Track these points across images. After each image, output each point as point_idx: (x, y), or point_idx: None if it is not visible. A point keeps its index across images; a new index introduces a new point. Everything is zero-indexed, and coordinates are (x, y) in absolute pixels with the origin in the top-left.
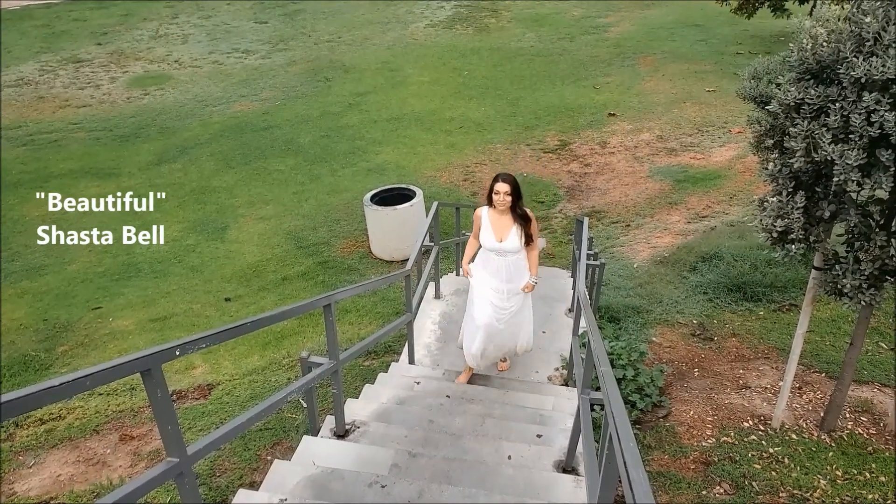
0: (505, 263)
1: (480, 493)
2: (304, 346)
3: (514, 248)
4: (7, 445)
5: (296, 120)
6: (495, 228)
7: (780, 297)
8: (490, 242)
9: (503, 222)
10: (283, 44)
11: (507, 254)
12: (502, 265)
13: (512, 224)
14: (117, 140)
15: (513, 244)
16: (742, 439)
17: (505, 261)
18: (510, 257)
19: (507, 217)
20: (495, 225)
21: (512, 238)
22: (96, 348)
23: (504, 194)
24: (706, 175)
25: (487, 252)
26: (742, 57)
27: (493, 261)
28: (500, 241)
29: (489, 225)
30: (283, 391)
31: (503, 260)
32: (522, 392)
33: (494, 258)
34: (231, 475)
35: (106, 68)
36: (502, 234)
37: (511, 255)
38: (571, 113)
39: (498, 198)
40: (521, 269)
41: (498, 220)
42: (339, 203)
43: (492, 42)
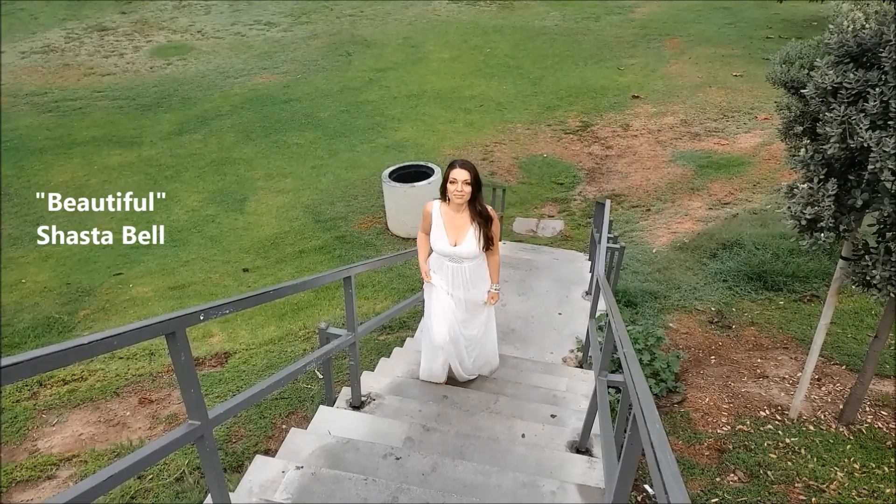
0: (460, 271)
1: (493, 470)
2: (319, 318)
3: (471, 254)
4: (31, 403)
5: (316, 94)
6: (449, 229)
7: (802, 287)
8: (442, 246)
9: (458, 221)
10: (305, 17)
11: (464, 260)
12: (458, 273)
13: (469, 224)
14: (140, 109)
15: (469, 249)
16: (758, 428)
17: (461, 268)
18: (467, 264)
19: (463, 215)
20: (449, 224)
21: (468, 242)
22: (116, 313)
23: (462, 183)
24: (730, 161)
25: (440, 258)
26: (772, 41)
27: (447, 267)
28: (455, 245)
29: (441, 224)
30: (302, 360)
31: (458, 267)
32: (536, 373)
33: (448, 264)
34: (247, 442)
35: (130, 37)
36: (457, 236)
37: (468, 262)
38: (594, 94)
39: (455, 188)
40: (481, 277)
41: (453, 219)
42: (356, 179)
43: (515, 20)
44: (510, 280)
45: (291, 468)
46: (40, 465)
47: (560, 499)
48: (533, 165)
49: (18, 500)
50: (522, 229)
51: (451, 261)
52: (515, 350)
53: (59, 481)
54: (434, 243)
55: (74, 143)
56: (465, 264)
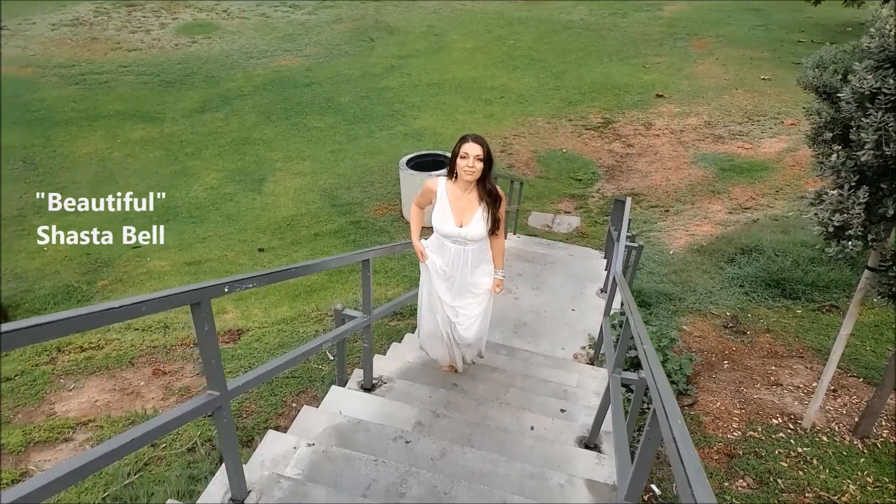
0: (463, 253)
1: (502, 460)
2: (331, 301)
3: (477, 236)
4: (49, 368)
5: (337, 79)
6: (455, 208)
7: (821, 296)
8: (447, 226)
9: (466, 201)
10: (329, 1)
11: (469, 242)
12: (461, 256)
13: (477, 204)
14: (163, 85)
15: (477, 230)
16: (769, 436)
17: (464, 250)
18: (471, 246)
19: (471, 195)
20: (455, 204)
21: (476, 223)
22: (133, 285)
23: (475, 159)
24: (753, 166)
25: (442, 239)
26: (803, 45)
27: (449, 250)
28: (461, 226)
29: (447, 203)
30: (318, 339)
31: (462, 250)
32: (547, 367)
33: (451, 247)
34: (257, 417)
35: (157, 13)
36: (464, 216)
37: (473, 244)
38: (617, 91)
39: (466, 163)
40: (485, 262)
41: (460, 199)
42: (374, 165)
43: (540, 13)
44: (524, 273)
45: (303, 445)
46: (58, 428)
47: (568, 492)
48: (552, 160)
49: (37, 460)
50: (538, 224)
51: (455, 243)
52: (527, 344)
53: (75, 444)
54: (437, 223)
55: (99, 116)
56: (469, 247)
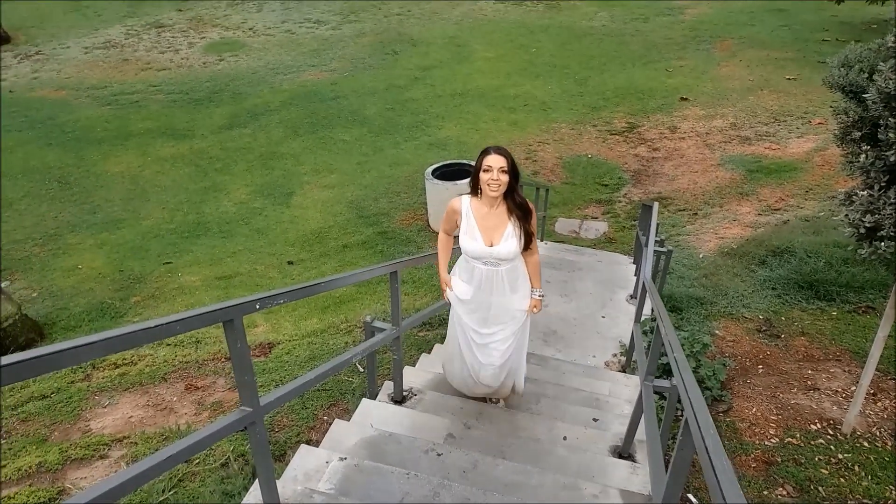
0: (497, 276)
1: (534, 471)
2: (360, 312)
3: (510, 255)
4: (84, 385)
5: (362, 91)
6: (483, 227)
7: (857, 297)
8: (476, 247)
9: (495, 218)
10: (353, 15)
11: (502, 262)
12: (494, 278)
13: (507, 220)
14: (192, 103)
15: (509, 249)
16: (808, 442)
17: (497, 272)
18: (504, 266)
19: (498, 210)
20: (483, 222)
21: (508, 240)
22: (165, 301)
23: (499, 171)
24: (781, 166)
25: (471, 261)
26: (828, 45)
27: (480, 272)
28: (492, 246)
29: (474, 222)
30: (349, 352)
31: (494, 271)
32: (578, 375)
33: (482, 268)
34: (289, 431)
35: (185, 33)
36: (494, 234)
37: (506, 264)
38: (641, 95)
39: (489, 177)
40: (520, 280)
41: (487, 216)
42: (400, 175)
43: (562, 20)
44: (552, 281)
45: (335, 459)
46: (93, 445)
47: (602, 503)
48: (577, 166)
49: (73, 477)
50: (565, 230)
51: (486, 264)
52: (557, 352)
53: (110, 461)
54: (465, 245)
55: (130, 135)
56: (502, 267)
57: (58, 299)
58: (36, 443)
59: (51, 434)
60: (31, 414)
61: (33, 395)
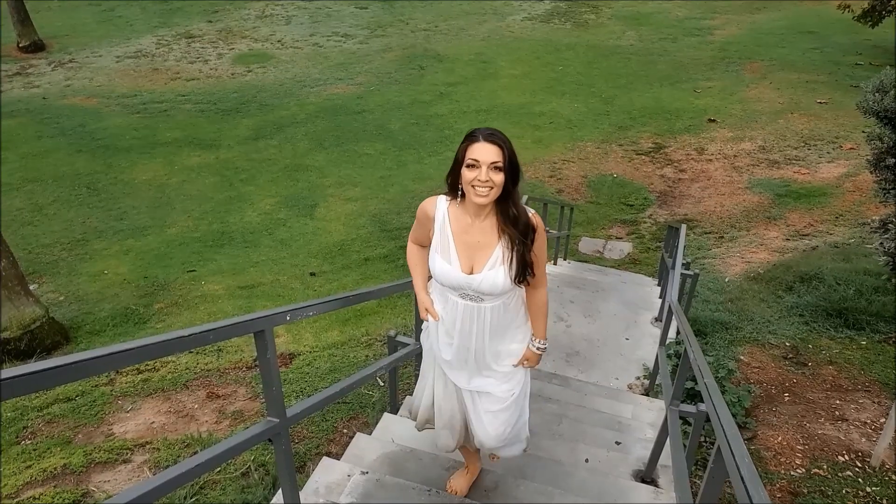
0: (478, 314)
1: (556, 492)
2: (381, 325)
3: (494, 289)
4: (108, 389)
5: (387, 106)
6: (462, 245)
7: (887, 327)
8: (449, 273)
9: (479, 233)
10: (380, 30)
11: (485, 297)
12: (473, 317)
13: (496, 238)
14: (220, 113)
15: (494, 281)
16: (836, 473)
17: (478, 310)
18: (489, 304)
19: (485, 223)
20: (463, 237)
21: (494, 268)
22: (188, 309)
23: (490, 168)
24: (810, 191)
25: (445, 290)
26: (861, 68)
27: (456, 307)
28: (471, 273)
29: (450, 236)
30: (373, 366)
31: (474, 308)
32: (600, 397)
33: (459, 303)
34: (309, 443)
35: (214, 44)
36: (476, 257)
37: (491, 301)
38: (668, 116)
39: (475, 176)
40: (514, 325)
41: (469, 229)
42: (423, 190)
43: (589, 38)
44: (576, 301)
45: (357, 473)
46: (116, 449)
47: None
48: (602, 185)
49: (97, 480)
50: (589, 250)
51: (465, 297)
52: (580, 373)
53: (133, 465)
54: (436, 268)
55: (158, 144)
56: (486, 304)
57: (83, 304)
58: (60, 444)
59: (75, 436)
60: (57, 416)
61: (59, 398)
